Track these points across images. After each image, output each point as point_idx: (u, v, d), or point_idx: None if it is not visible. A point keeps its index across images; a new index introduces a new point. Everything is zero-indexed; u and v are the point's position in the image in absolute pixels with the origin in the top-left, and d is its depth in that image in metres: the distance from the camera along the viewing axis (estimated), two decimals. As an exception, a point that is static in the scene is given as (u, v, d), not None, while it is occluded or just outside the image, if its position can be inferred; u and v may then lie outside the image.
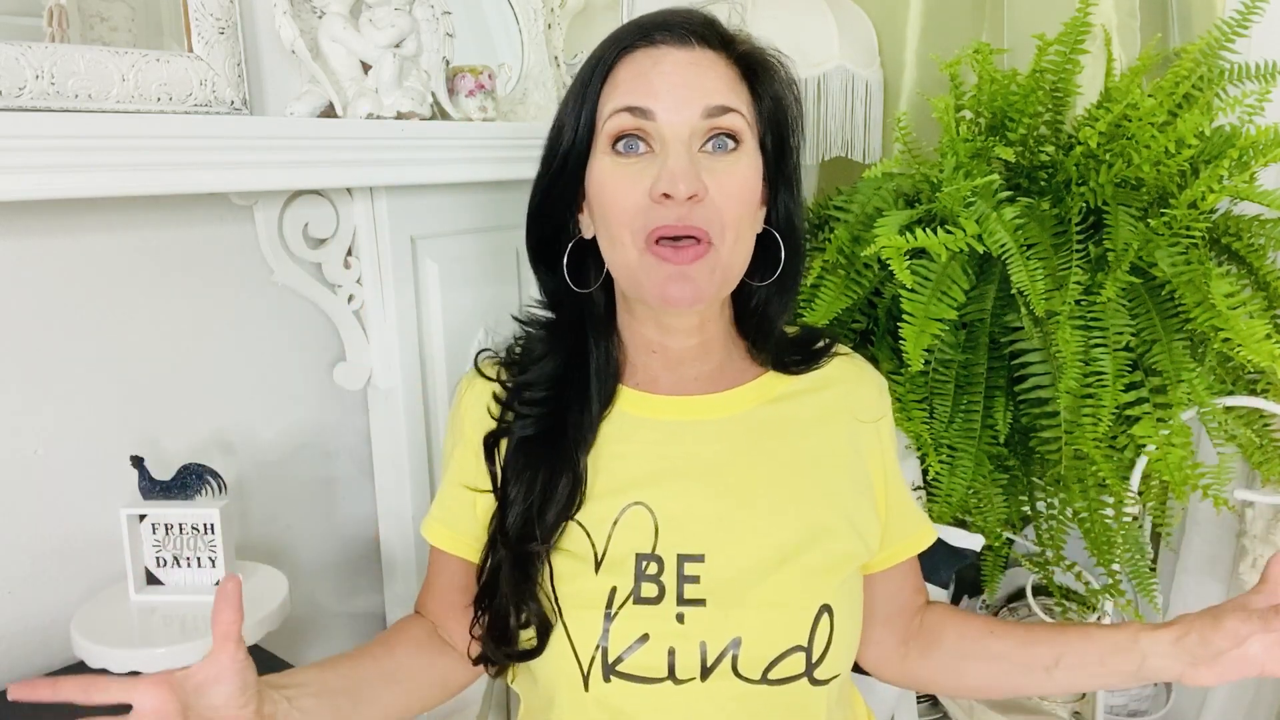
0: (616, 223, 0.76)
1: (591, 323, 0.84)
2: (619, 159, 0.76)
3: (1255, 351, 1.01)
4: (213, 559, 0.96)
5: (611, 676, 0.75)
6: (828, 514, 0.81)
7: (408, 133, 1.07)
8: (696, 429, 0.82)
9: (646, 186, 0.74)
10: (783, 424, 0.83)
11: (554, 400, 0.82)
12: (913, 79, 1.50)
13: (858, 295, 1.19)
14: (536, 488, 0.79)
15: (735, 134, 0.76)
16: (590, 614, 0.76)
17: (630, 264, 0.77)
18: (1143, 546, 1.18)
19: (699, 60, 0.76)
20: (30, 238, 0.94)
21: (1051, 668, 0.82)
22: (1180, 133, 1.08)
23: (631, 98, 0.75)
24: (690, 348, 0.83)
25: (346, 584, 1.27)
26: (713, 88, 0.76)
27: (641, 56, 0.77)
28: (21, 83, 0.85)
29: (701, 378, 0.84)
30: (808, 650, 0.76)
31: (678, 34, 0.77)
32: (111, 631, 0.90)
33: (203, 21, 0.98)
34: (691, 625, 0.75)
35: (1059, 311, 1.06)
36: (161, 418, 1.06)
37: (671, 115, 0.74)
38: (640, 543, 0.77)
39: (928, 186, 1.20)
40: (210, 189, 0.96)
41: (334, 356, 1.19)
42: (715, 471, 0.80)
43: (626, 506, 0.78)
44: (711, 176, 0.75)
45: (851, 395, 0.87)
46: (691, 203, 0.73)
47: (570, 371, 0.83)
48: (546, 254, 0.84)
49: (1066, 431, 1.10)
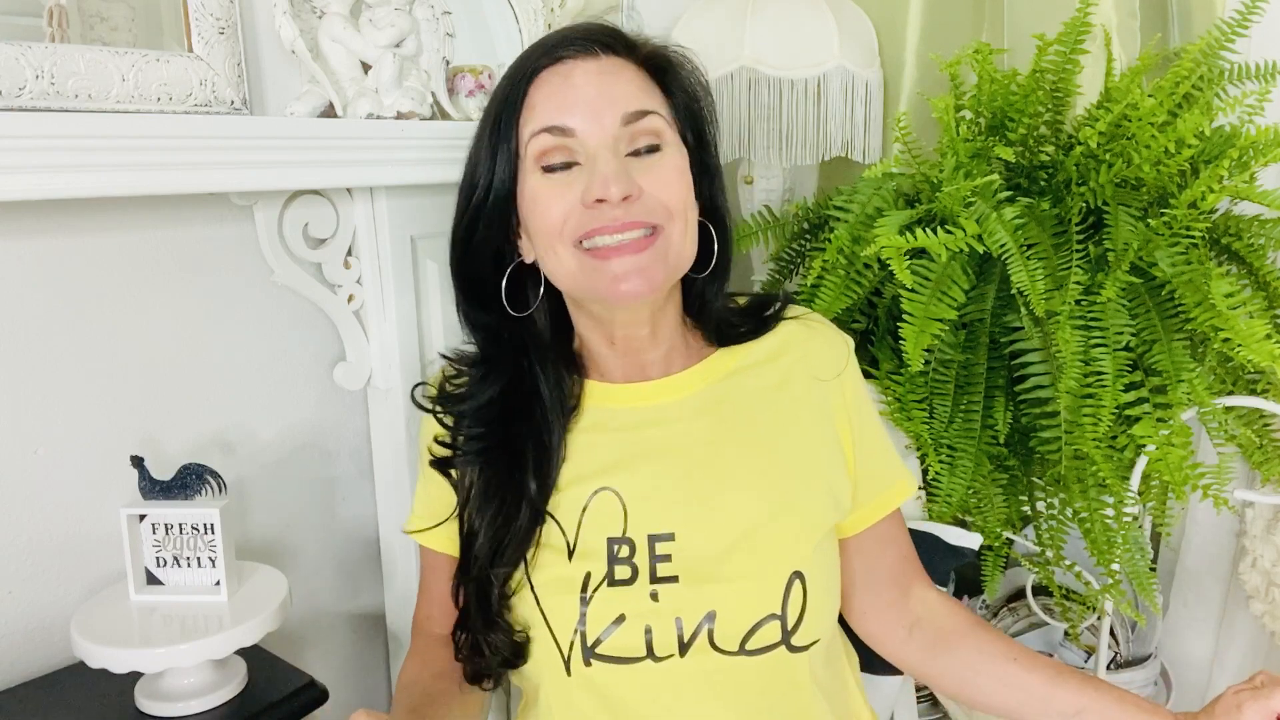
0: (550, 234, 0.77)
1: (535, 347, 0.85)
2: (548, 176, 0.77)
3: (1255, 351, 1.01)
4: (213, 559, 0.96)
5: (592, 660, 0.77)
6: (794, 481, 0.82)
7: (408, 133, 1.07)
8: (657, 412, 0.84)
9: (578, 194, 0.75)
10: (742, 396, 0.85)
11: (500, 431, 0.82)
12: (913, 79, 1.50)
13: (858, 295, 1.19)
14: (498, 519, 0.79)
15: (658, 136, 0.78)
16: (566, 600, 0.77)
17: (572, 272, 0.78)
18: (1143, 546, 1.18)
19: (607, 69, 0.78)
20: (30, 238, 0.94)
21: (1071, 716, 0.81)
22: (1180, 133, 1.08)
23: (549, 117, 0.76)
24: (644, 336, 0.85)
25: (346, 584, 1.27)
26: (626, 93, 0.77)
27: (550, 75, 0.78)
28: (21, 83, 0.85)
29: (657, 363, 0.86)
30: (782, 617, 0.77)
31: (582, 46, 0.78)
32: (111, 631, 0.90)
33: (203, 21, 0.98)
34: (665, 602, 0.77)
35: (1059, 311, 1.06)
36: (161, 418, 1.06)
37: (591, 126, 0.75)
38: (610, 527, 0.79)
39: (928, 186, 1.20)
40: (210, 189, 0.96)
41: (334, 356, 1.19)
42: (679, 451, 0.82)
43: (594, 493, 0.80)
44: (643, 175, 0.76)
45: (808, 356, 0.88)
46: (627, 203, 0.74)
47: (516, 399, 0.83)
48: (478, 292, 0.85)
49: (1066, 431, 1.10)
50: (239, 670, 0.96)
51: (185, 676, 0.92)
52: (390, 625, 1.29)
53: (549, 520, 0.80)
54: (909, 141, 1.24)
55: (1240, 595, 1.37)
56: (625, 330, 0.84)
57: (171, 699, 0.91)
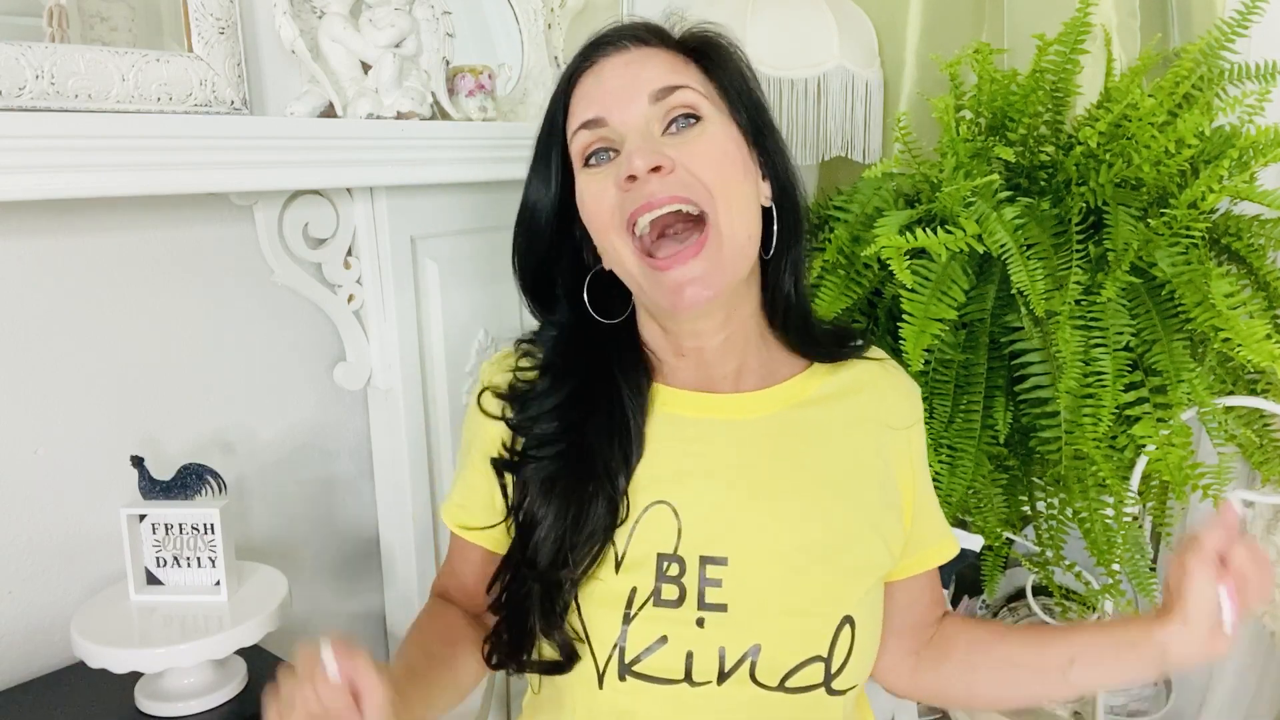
0: (603, 226, 0.76)
1: (616, 353, 0.82)
2: (590, 170, 0.77)
3: (1255, 351, 1.01)
4: (213, 559, 0.95)
5: (627, 676, 0.74)
6: (853, 522, 0.79)
7: (408, 133, 1.07)
8: (725, 429, 0.80)
9: (616, 179, 0.75)
10: (813, 428, 0.82)
11: (575, 432, 0.79)
12: (913, 79, 1.50)
13: (858, 295, 1.19)
14: (567, 519, 0.76)
15: (692, 108, 0.76)
16: (609, 613, 0.75)
17: (633, 273, 0.77)
18: (1143, 546, 1.17)
19: (635, 58, 0.77)
20: (30, 238, 0.94)
21: (1066, 668, 0.80)
22: (1180, 133, 1.08)
23: (582, 114, 0.77)
24: (717, 346, 0.81)
25: (346, 584, 1.27)
26: (654, 74, 0.76)
27: (585, 77, 0.79)
28: (21, 83, 0.85)
29: (731, 375, 0.82)
30: (827, 661, 0.75)
31: (614, 44, 0.78)
32: (111, 631, 0.90)
33: (203, 21, 0.98)
34: (711, 630, 0.74)
35: (1059, 311, 1.06)
36: (161, 418, 1.06)
37: (621, 113, 0.75)
38: (662, 542, 0.75)
39: (928, 186, 1.20)
40: (210, 189, 0.96)
41: (334, 356, 1.19)
42: (742, 473, 0.78)
43: (650, 505, 0.76)
44: (678, 149, 0.74)
45: (884, 401, 0.85)
46: (658, 175, 0.73)
47: (591, 402, 0.80)
48: (547, 292, 0.85)
49: (1066, 431, 1.10)
50: (239, 670, 0.96)
51: (185, 676, 0.92)
52: (390, 625, 1.29)
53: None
54: (909, 141, 1.24)
55: (1240, 595, 1.36)
56: (695, 341, 0.81)
57: (171, 699, 0.91)
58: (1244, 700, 1.45)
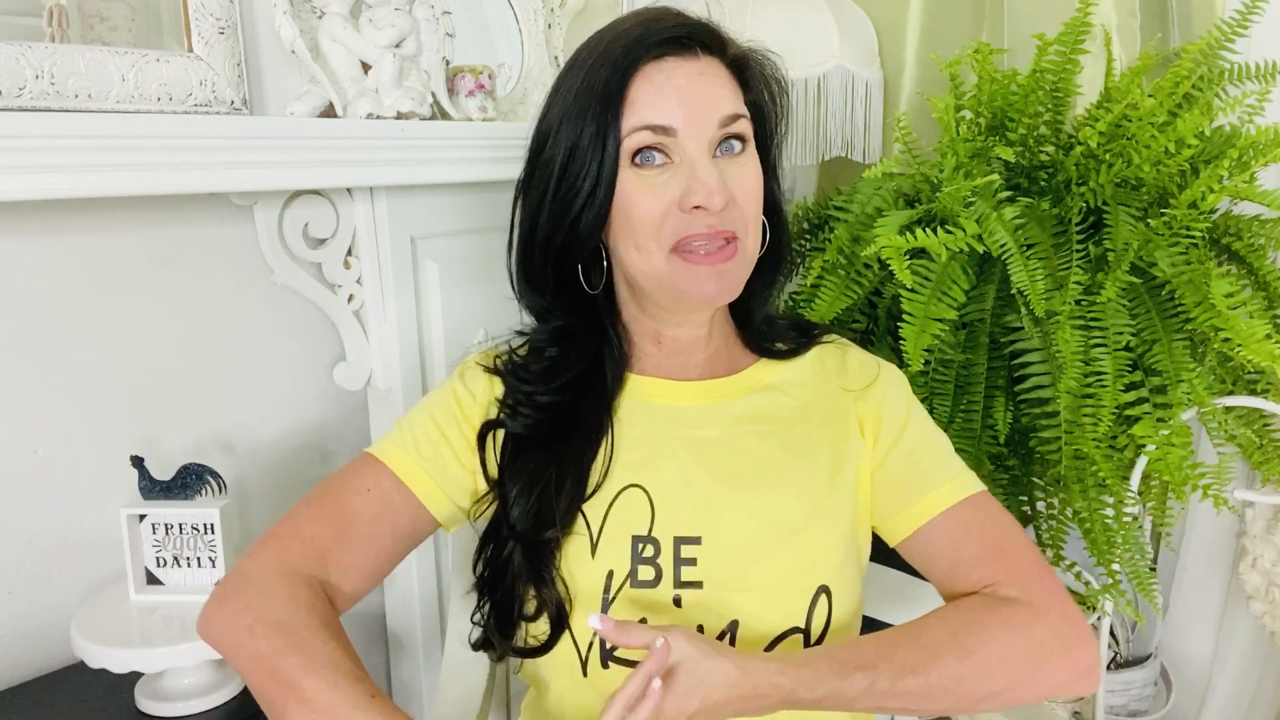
0: (647, 233, 0.77)
1: (608, 318, 0.85)
2: (640, 171, 0.77)
3: (1255, 351, 1.01)
4: (213, 559, 0.96)
5: (610, 662, 0.76)
6: (822, 494, 0.81)
7: (408, 133, 1.07)
8: (694, 413, 0.83)
9: (674, 197, 0.75)
10: (776, 410, 0.84)
11: (567, 399, 0.82)
12: (913, 79, 1.50)
13: (858, 295, 1.19)
14: (551, 479, 0.79)
15: (743, 137, 0.78)
16: (587, 600, 0.76)
17: (659, 271, 0.77)
18: (1143, 546, 1.17)
19: (705, 70, 0.77)
20: (30, 238, 0.94)
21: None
22: (1180, 133, 1.08)
23: (651, 115, 0.76)
24: (699, 337, 0.85)
25: (346, 584, 1.27)
26: (722, 96, 0.77)
27: (654, 71, 0.77)
28: (21, 83, 0.85)
29: (700, 364, 0.85)
30: (805, 631, 0.77)
31: (685, 45, 0.77)
32: (111, 631, 0.90)
33: (203, 21, 0.98)
34: (689, 609, 0.76)
35: (1059, 311, 1.06)
36: (161, 418, 1.06)
37: (692, 129, 0.75)
38: (636, 525, 0.78)
39: (928, 186, 1.20)
40: (210, 189, 0.96)
41: (334, 356, 1.19)
42: (712, 455, 0.81)
43: (623, 489, 0.79)
44: (731, 180, 0.76)
45: (843, 370, 0.88)
46: (722, 211, 0.75)
47: (581, 369, 0.83)
48: (555, 275, 0.84)
49: (1066, 431, 1.10)
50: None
51: (185, 676, 0.92)
52: (390, 625, 1.29)
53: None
54: (909, 141, 1.24)
55: (1240, 595, 1.37)
56: (679, 330, 0.84)
57: (171, 699, 0.91)
58: (1244, 700, 1.45)
